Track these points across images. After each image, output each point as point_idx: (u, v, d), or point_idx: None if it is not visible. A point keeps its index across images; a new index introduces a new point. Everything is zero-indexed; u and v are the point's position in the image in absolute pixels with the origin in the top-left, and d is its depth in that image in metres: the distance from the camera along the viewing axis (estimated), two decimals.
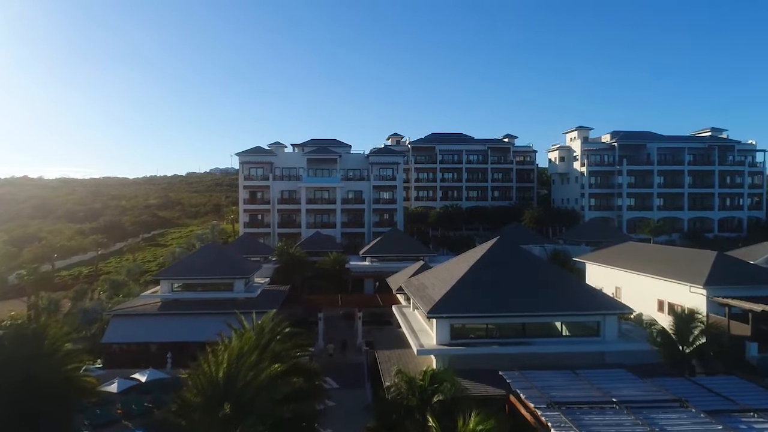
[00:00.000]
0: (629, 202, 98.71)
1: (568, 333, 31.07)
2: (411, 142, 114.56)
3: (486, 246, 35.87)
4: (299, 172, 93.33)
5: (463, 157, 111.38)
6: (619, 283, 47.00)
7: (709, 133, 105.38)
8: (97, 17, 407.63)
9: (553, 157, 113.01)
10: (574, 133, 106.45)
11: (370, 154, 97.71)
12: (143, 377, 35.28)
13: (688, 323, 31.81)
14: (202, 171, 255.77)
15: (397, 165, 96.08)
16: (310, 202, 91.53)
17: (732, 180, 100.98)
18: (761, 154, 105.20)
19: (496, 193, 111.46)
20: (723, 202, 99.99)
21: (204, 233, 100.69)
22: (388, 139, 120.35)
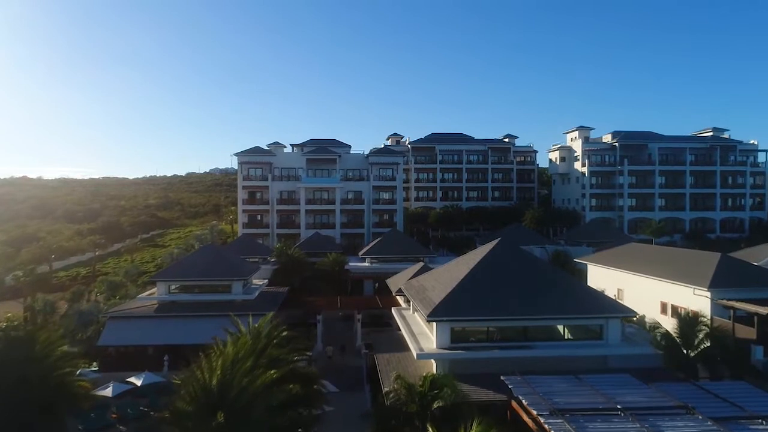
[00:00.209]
0: (630, 203, 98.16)
1: (571, 336, 30.59)
2: (411, 142, 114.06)
3: (487, 248, 35.38)
4: (298, 173, 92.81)
5: (464, 158, 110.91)
6: (622, 285, 46.45)
7: (710, 133, 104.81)
8: (97, 17, 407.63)
9: (553, 157, 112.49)
10: (575, 133, 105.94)
11: (370, 155, 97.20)
12: (139, 381, 34.82)
13: (693, 326, 31.28)
14: (202, 171, 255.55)
15: (397, 165, 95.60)
16: (309, 202, 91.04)
17: (734, 180, 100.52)
18: (763, 154, 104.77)
19: (497, 194, 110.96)
20: (725, 203, 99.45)
21: (203, 234, 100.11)
22: (388, 139, 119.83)
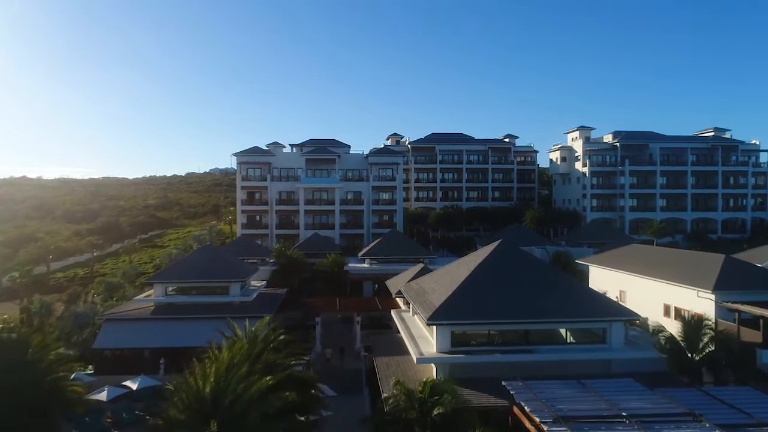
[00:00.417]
0: (631, 203, 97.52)
1: (573, 340, 30.07)
2: (411, 142, 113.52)
3: (488, 249, 34.84)
4: (298, 173, 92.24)
5: (464, 158, 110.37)
6: (624, 286, 45.93)
7: (712, 133, 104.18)
8: (97, 17, 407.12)
9: (554, 157, 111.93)
10: (576, 133, 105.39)
11: (370, 155, 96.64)
12: (134, 385, 34.31)
13: (698, 330, 30.74)
14: (202, 171, 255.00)
15: (397, 165, 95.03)
16: (308, 203, 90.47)
17: (735, 180, 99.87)
18: (765, 154, 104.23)
19: (497, 194, 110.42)
20: (726, 203, 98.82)
21: (202, 234, 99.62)
22: (388, 139, 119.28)
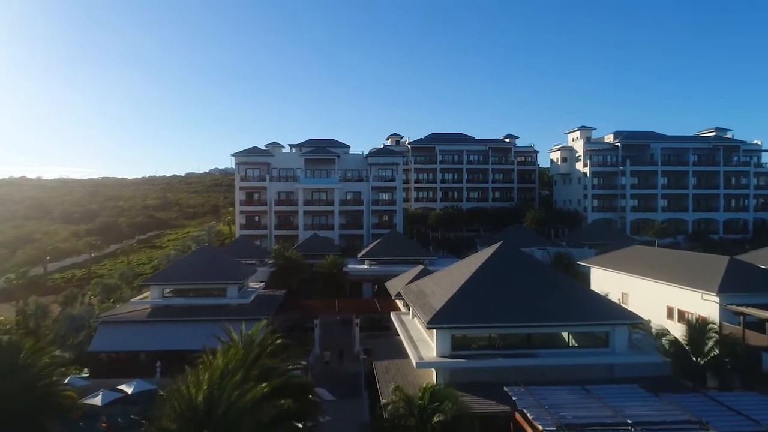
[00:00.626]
0: (633, 204, 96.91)
1: (576, 344, 29.54)
2: (411, 142, 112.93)
3: (488, 251, 34.29)
4: (297, 173, 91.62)
5: (464, 158, 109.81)
6: (626, 288, 45.38)
7: (713, 133, 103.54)
8: (97, 17, 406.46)
9: (555, 157, 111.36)
10: (577, 133, 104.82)
11: (369, 155, 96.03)
12: (129, 389, 33.77)
13: (703, 333, 30.19)
14: (202, 171, 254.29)
15: (397, 165, 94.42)
16: (307, 203, 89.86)
17: (737, 181, 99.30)
18: (767, 154, 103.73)
19: (497, 194, 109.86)
20: (728, 204, 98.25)
21: (200, 235, 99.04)
22: (388, 139, 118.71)
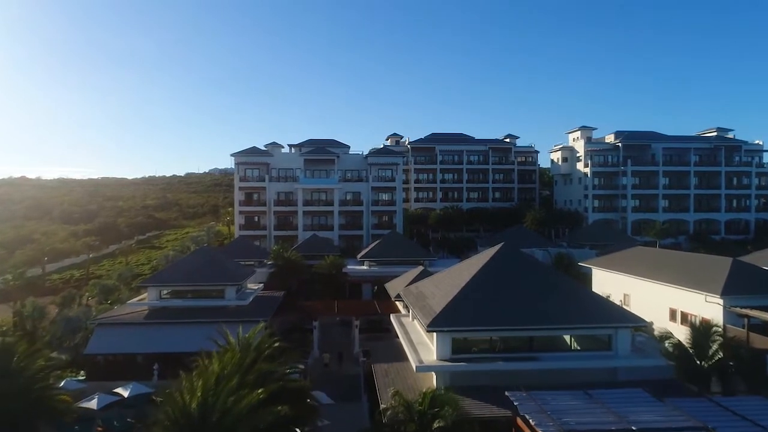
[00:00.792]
0: (634, 204, 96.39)
1: (578, 347, 29.12)
2: (411, 142, 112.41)
3: (490, 252, 33.88)
4: (296, 173, 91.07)
5: (464, 158, 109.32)
6: (628, 290, 44.95)
7: (714, 133, 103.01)
8: (96, 19, 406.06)
9: (555, 157, 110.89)
10: (577, 133, 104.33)
11: (369, 155, 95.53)
12: (126, 392, 33.33)
13: (707, 336, 29.74)
14: (202, 171, 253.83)
15: (397, 166, 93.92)
16: (307, 203, 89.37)
17: (739, 181, 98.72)
18: None
19: (497, 195, 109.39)
20: (730, 204, 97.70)
21: (199, 235, 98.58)
22: (388, 139, 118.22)
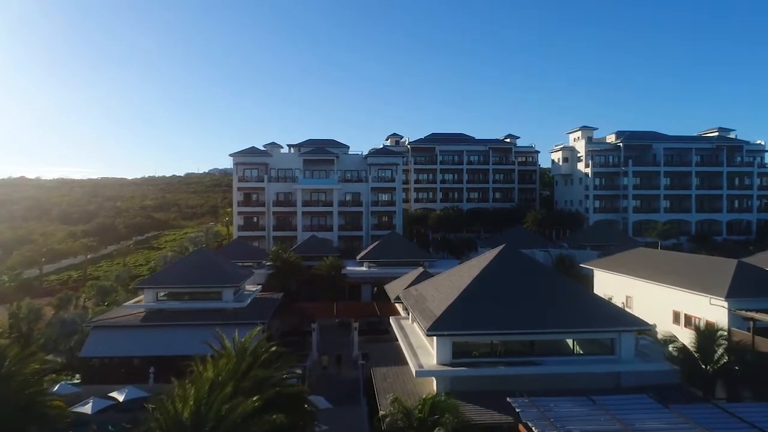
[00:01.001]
0: (635, 204, 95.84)
1: (581, 351, 28.58)
2: (410, 142, 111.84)
3: (491, 254, 33.33)
4: (295, 174, 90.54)
5: (464, 158, 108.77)
6: (630, 292, 44.42)
7: (716, 134, 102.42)
8: (95, 19, 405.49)
9: (556, 157, 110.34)
10: (578, 133, 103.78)
11: (369, 155, 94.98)
12: (121, 396, 32.74)
13: (712, 340, 29.19)
14: (201, 171, 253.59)
15: (396, 166, 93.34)
16: (306, 204, 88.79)
17: (741, 181, 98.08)
18: None
19: (498, 195, 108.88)
20: (731, 204, 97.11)
21: (198, 236, 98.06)
22: (387, 139, 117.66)
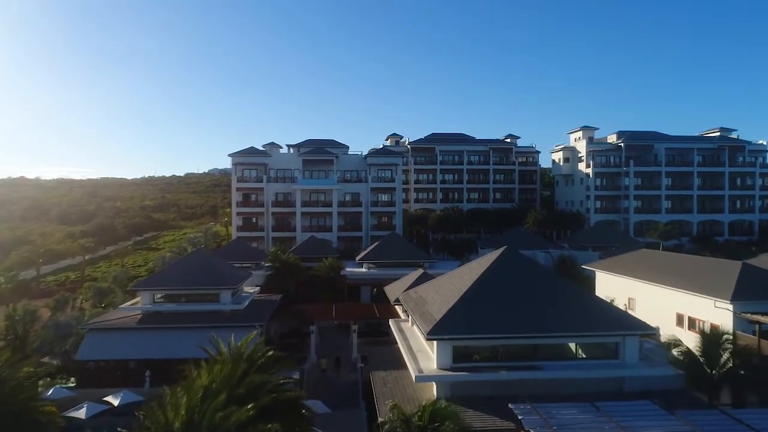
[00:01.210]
0: (636, 205, 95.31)
1: (583, 355, 28.07)
2: (410, 142, 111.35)
3: (492, 256, 32.82)
4: (294, 174, 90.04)
5: (464, 158, 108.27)
6: (633, 294, 43.87)
7: (718, 134, 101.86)
8: (95, 19, 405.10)
9: (557, 157, 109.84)
10: (579, 133, 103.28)
11: (368, 155, 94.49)
12: (116, 400, 32.26)
13: (717, 343, 28.65)
14: (201, 171, 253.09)
15: (396, 166, 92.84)
16: (305, 204, 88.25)
17: (742, 182, 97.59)
18: None
19: (498, 195, 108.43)
20: (733, 205, 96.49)
21: (197, 237, 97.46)
22: (387, 139, 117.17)
